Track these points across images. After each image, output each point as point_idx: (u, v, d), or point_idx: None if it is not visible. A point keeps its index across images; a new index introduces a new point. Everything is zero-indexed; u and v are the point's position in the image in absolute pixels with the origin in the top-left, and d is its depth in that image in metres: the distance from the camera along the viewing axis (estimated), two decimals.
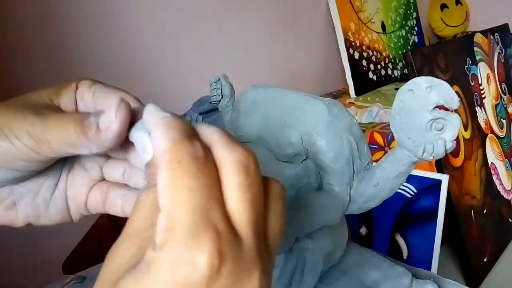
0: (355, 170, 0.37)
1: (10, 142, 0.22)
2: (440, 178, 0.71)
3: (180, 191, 0.17)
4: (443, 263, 0.76)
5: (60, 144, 0.22)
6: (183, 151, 0.18)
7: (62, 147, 0.22)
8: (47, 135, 0.22)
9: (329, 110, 0.36)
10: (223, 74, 0.46)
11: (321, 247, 0.37)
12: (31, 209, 0.26)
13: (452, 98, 0.29)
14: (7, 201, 0.25)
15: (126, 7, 0.76)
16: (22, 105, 0.23)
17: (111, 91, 0.25)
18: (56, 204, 0.26)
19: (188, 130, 0.19)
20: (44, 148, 0.22)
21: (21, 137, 0.22)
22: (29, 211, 0.26)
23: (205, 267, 0.16)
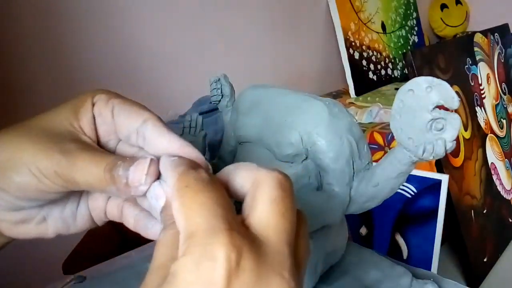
0: (355, 170, 0.37)
1: (38, 180, 0.23)
2: (440, 178, 0.71)
3: (191, 206, 0.19)
4: (443, 263, 0.76)
5: (89, 187, 0.23)
6: (189, 177, 0.20)
7: (90, 189, 0.24)
8: (76, 178, 0.23)
9: (329, 110, 0.36)
10: (223, 74, 0.46)
11: (321, 247, 0.37)
12: (61, 222, 0.27)
13: (452, 98, 0.29)
14: (37, 218, 0.26)
15: (126, 7, 0.76)
16: (45, 136, 0.23)
17: (132, 111, 0.25)
18: (82, 214, 0.27)
19: (192, 163, 0.22)
20: (72, 187, 0.23)
21: (49, 176, 0.23)
22: (59, 224, 0.27)
23: (223, 260, 0.17)
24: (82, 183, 0.23)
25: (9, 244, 0.28)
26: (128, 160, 0.23)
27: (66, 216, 0.27)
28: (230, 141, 0.43)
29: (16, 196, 0.24)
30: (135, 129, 0.25)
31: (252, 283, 0.17)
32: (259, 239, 0.19)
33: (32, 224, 0.26)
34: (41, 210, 0.26)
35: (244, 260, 0.17)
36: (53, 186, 0.23)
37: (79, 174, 0.23)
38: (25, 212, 0.25)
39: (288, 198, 0.20)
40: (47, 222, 0.26)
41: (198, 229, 0.18)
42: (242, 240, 0.18)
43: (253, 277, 0.18)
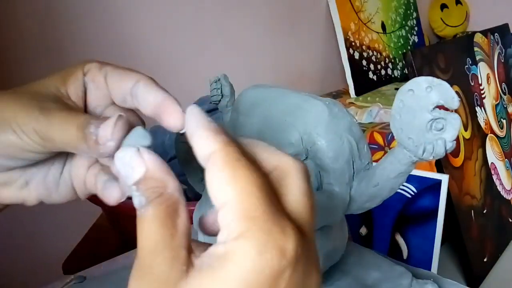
0: (355, 170, 0.37)
1: (18, 136, 0.23)
2: (440, 178, 0.71)
3: (247, 184, 0.17)
4: (443, 263, 0.76)
5: (64, 145, 0.23)
6: (236, 152, 0.18)
7: (65, 147, 0.23)
8: (52, 134, 0.23)
9: (329, 110, 0.36)
10: (223, 74, 0.46)
11: (321, 247, 0.37)
12: (43, 187, 0.27)
13: (452, 98, 0.29)
14: (19, 181, 0.26)
15: (126, 7, 0.76)
16: (29, 96, 0.24)
17: (124, 73, 0.26)
18: (65, 182, 0.27)
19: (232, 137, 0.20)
20: (49, 145, 0.23)
21: (28, 132, 0.23)
22: (41, 190, 0.27)
23: (292, 254, 0.17)
24: (57, 140, 0.23)
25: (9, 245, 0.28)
26: (100, 119, 0.23)
27: (49, 182, 0.27)
28: None
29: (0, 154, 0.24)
30: (128, 90, 0.25)
31: (302, 276, 0.17)
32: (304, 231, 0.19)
33: (14, 188, 0.26)
34: (23, 174, 0.26)
35: (303, 254, 0.17)
36: (31, 143, 0.23)
37: (55, 132, 0.23)
38: (7, 174, 0.25)
39: (311, 189, 0.20)
40: (29, 187, 0.26)
41: (258, 211, 0.17)
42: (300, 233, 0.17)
43: (305, 271, 0.18)
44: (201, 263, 0.17)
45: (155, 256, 0.18)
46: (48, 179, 0.27)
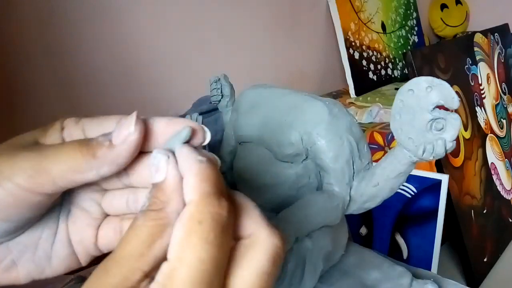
0: (355, 170, 0.37)
1: (2, 187, 0.19)
2: (440, 178, 0.71)
3: (190, 254, 0.17)
4: (443, 263, 0.76)
5: (63, 172, 0.20)
6: (208, 210, 0.18)
7: (65, 175, 0.20)
8: (46, 165, 0.20)
9: (329, 110, 0.36)
10: (223, 74, 0.46)
11: (321, 247, 0.37)
12: (33, 265, 0.24)
13: (452, 98, 0.29)
14: (5, 262, 0.23)
15: (126, 7, 0.76)
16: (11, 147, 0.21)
17: (103, 119, 0.23)
18: (58, 254, 0.24)
19: (219, 184, 0.19)
20: (43, 180, 0.20)
21: (12, 177, 0.19)
22: (31, 268, 0.24)
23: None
24: (54, 169, 0.20)
25: None
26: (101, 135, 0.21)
27: (39, 258, 0.24)
28: (230, 141, 0.43)
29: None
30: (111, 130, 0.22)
31: None
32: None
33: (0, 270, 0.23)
34: (8, 253, 0.23)
35: None
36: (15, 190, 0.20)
37: (51, 160, 0.20)
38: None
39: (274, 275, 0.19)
40: (17, 267, 0.23)
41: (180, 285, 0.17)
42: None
43: None
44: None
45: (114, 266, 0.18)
46: (38, 254, 0.24)
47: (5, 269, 0.23)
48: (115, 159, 0.20)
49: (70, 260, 0.24)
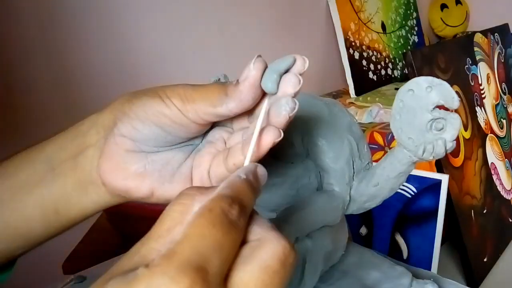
0: (355, 170, 0.37)
1: (162, 100, 0.25)
2: (440, 178, 0.71)
3: (194, 232, 0.18)
4: (443, 263, 0.76)
5: (203, 104, 0.25)
6: (219, 204, 0.19)
7: (203, 107, 0.25)
8: (194, 95, 0.25)
9: (329, 110, 0.36)
10: (223, 74, 0.46)
11: (321, 247, 0.37)
12: (158, 175, 0.27)
13: (452, 98, 0.29)
14: (138, 165, 0.27)
15: (126, 7, 0.76)
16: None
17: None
18: (181, 173, 0.28)
19: (244, 198, 0.20)
20: (189, 107, 0.25)
21: (171, 97, 0.25)
22: (156, 177, 0.27)
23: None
24: (198, 100, 0.25)
25: None
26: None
27: (166, 171, 0.28)
28: None
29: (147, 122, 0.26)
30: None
31: None
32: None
33: (131, 171, 0.27)
34: (144, 159, 0.27)
35: None
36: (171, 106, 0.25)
37: (198, 93, 0.25)
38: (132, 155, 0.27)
39: (281, 275, 0.19)
40: (144, 174, 0.27)
41: (179, 257, 0.17)
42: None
43: None
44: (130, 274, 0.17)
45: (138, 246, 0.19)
46: (166, 169, 0.28)
47: (135, 173, 0.27)
48: (239, 95, 0.25)
49: (186, 183, 0.28)
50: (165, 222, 0.19)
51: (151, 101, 0.26)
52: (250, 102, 0.25)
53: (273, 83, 0.24)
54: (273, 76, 0.25)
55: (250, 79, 0.25)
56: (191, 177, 0.28)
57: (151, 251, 0.18)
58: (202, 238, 0.18)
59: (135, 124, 0.26)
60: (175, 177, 0.28)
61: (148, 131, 0.26)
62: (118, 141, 0.27)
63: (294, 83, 0.25)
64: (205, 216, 0.19)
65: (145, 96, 0.26)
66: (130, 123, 0.26)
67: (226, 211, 0.19)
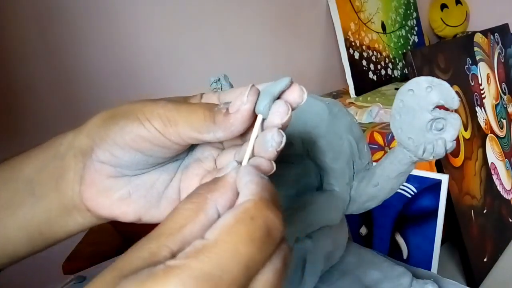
0: (355, 170, 0.37)
1: (141, 122, 0.24)
2: (440, 178, 0.71)
3: (230, 240, 0.17)
4: (443, 263, 0.76)
5: (187, 128, 0.23)
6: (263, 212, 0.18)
7: (187, 132, 0.23)
8: (176, 117, 0.23)
9: (329, 110, 0.36)
10: (223, 74, 0.46)
11: (321, 247, 0.37)
12: (144, 201, 0.26)
13: (452, 98, 0.29)
14: (122, 191, 0.26)
15: (126, 7, 0.76)
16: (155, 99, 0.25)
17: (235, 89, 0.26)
18: (168, 197, 0.27)
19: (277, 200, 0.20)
20: (171, 130, 0.23)
21: (151, 119, 0.23)
22: (142, 203, 0.26)
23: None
24: (181, 123, 0.23)
25: None
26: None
27: (151, 196, 0.27)
28: None
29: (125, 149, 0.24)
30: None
31: None
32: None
33: (115, 197, 0.26)
34: (128, 183, 0.26)
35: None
36: (151, 129, 0.23)
37: (180, 115, 0.23)
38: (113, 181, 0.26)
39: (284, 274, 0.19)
40: (130, 200, 0.26)
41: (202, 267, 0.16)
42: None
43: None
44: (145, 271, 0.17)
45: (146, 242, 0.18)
46: (151, 193, 0.27)
47: (120, 199, 0.26)
48: (229, 126, 0.23)
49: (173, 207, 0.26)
50: (176, 219, 0.19)
51: (129, 125, 0.24)
52: (240, 132, 0.23)
53: (265, 108, 0.23)
54: (266, 100, 0.23)
55: (242, 112, 0.22)
56: (179, 200, 0.27)
57: (162, 248, 0.18)
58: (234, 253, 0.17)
59: (113, 150, 0.25)
60: (161, 201, 0.27)
61: (128, 157, 0.25)
62: (98, 167, 0.26)
63: (282, 113, 0.23)
64: (245, 224, 0.17)
65: (123, 120, 0.24)
66: (108, 150, 0.25)
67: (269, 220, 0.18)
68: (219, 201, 0.19)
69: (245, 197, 0.19)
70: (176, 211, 0.19)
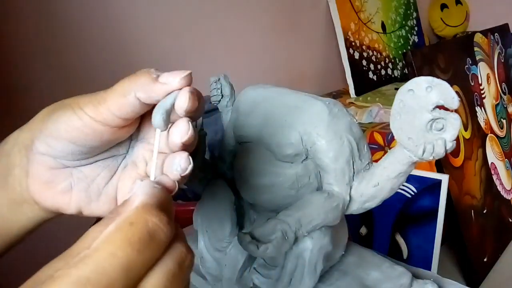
0: (355, 170, 0.37)
1: (74, 111, 0.25)
2: (440, 178, 0.71)
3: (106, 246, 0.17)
4: (443, 263, 0.76)
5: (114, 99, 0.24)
6: (144, 217, 0.19)
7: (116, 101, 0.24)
8: (105, 96, 0.25)
9: (329, 110, 0.36)
10: (223, 74, 0.46)
11: (321, 247, 0.37)
12: (84, 194, 0.27)
13: (452, 98, 0.28)
14: (64, 183, 0.27)
15: (126, 7, 0.76)
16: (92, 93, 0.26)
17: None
18: (107, 193, 0.28)
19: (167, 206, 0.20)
20: (102, 109, 0.24)
21: (84, 106, 0.25)
22: (82, 196, 0.27)
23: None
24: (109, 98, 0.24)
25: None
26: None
27: (92, 191, 0.28)
28: (230, 141, 0.43)
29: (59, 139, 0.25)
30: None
31: None
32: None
33: (57, 190, 0.27)
34: (69, 176, 0.27)
35: None
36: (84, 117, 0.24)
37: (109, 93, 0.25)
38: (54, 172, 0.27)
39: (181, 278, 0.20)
40: (71, 193, 0.27)
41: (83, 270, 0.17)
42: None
43: None
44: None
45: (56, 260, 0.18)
46: (92, 187, 0.28)
47: (62, 191, 0.27)
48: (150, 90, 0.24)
49: (111, 204, 0.28)
50: (86, 240, 0.19)
51: (63, 115, 0.25)
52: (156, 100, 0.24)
53: (159, 120, 0.23)
54: (158, 113, 0.24)
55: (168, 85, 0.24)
56: (116, 199, 0.28)
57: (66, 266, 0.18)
58: (111, 257, 0.17)
59: (49, 141, 0.26)
60: (101, 197, 0.28)
61: (61, 147, 0.26)
62: (39, 159, 0.27)
63: (182, 131, 0.24)
64: (123, 230, 0.18)
65: (59, 111, 0.25)
66: (44, 141, 0.26)
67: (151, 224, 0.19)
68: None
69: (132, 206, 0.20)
70: (87, 234, 0.19)
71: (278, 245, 0.33)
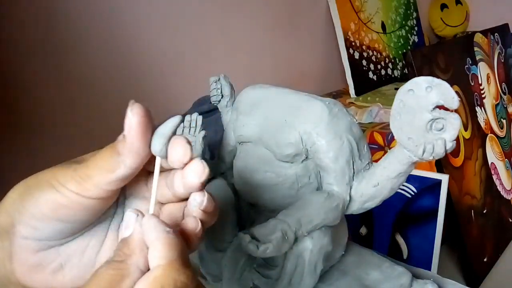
0: (355, 170, 0.37)
1: (57, 190, 0.23)
2: (440, 178, 0.71)
3: None
4: (443, 263, 0.76)
5: (100, 175, 0.23)
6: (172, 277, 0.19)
7: (102, 178, 0.23)
8: (88, 171, 0.23)
9: (329, 110, 0.36)
10: (223, 74, 0.46)
11: (321, 247, 0.37)
12: (77, 270, 0.26)
13: (452, 98, 0.28)
14: (54, 264, 0.25)
15: (127, 7, 0.76)
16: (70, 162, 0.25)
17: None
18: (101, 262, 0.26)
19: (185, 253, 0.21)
20: (88, 186, 0.23)
21: (65, 183, 0.23)
22: (75, 273, 0.26)
23: None
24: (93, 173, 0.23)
25: None
26: None
27: (84, 265, 0.26)
28: (230, 141, 0.43)
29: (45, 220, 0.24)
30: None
31: None
32: None
33: (48, 272, 0.25)
34: (58, 256, 0.25)
35: None
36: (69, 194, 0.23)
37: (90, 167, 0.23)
38: (42, 255, 0.25)
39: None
40: (63, 271, 0.25)
41: None
42: None
43: None
44: None
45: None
46: (84, 261, 0.26)
47: (53, 272, 0.25)
48: (130, 147, 0.23)
49: None
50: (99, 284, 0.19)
51: (44, 194, 0.23)
52: (146, 151, 0.23)
53: (161, 147, 0.23)
54: (158, 140, 0.23)
55: (133, 127, 0.22)
56: None
57: None
58: None
59: (33, 223, 0.24)
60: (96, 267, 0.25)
61: (49, 228, 0.24)
62: (23, 244, 0.24)
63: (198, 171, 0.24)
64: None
65: (37, 191, 0.23)
66: (28, 224, 0.24)
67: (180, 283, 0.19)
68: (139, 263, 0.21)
69: (154, 259, 0.20)
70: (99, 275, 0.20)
71: (278, 245, 0.33)
